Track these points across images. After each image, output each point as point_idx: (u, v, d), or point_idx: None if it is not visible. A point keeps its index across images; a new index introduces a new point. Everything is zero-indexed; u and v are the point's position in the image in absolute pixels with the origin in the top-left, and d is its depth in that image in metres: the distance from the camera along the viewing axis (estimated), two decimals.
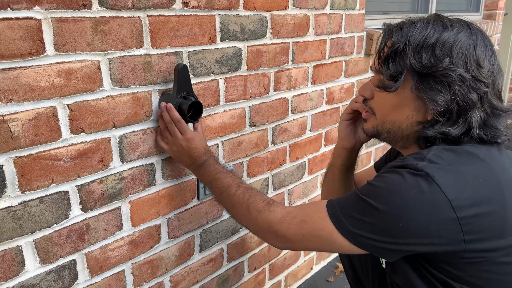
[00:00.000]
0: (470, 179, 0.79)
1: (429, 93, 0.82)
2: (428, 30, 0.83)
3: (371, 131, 0.97)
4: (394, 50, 0.85)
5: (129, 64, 1.04)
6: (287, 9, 1.45)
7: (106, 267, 1.11)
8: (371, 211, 0.80)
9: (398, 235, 0.79)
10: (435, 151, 0.82)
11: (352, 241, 0.83)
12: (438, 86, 0.82)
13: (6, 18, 0.82)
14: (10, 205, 0.89)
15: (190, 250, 1.34)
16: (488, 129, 0.84)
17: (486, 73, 0.82)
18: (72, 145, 0.97)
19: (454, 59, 0.81)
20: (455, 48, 0.81)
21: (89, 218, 1.04)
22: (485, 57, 0.83)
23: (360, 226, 0.82)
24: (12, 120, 0.86)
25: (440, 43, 0.82)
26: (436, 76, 0.81)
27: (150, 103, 1.11)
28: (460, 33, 0.83)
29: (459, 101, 0.81)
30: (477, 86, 0.81)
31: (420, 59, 0.82)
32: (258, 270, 1.68)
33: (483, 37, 0.85)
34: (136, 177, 1.12)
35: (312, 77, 1.67)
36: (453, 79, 0.80)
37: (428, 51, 0.82)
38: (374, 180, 0.84)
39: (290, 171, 1.70)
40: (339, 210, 0.86)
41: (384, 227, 0.79)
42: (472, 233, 0.77)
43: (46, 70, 0.89)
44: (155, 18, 1.06)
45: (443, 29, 0.83)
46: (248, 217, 0.99)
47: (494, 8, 3.30)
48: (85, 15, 0.93)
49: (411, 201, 0.77)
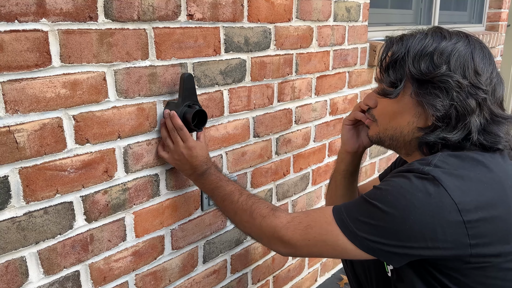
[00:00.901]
0: (475, 183, 0.81)
1: (428, 98, 0.85)
2: (427, 40, 0.87)
3: (375, 138, 1.00)
4: (394, 59, 0.89)
5: (134, 75, 1.04)
6: (291, 21, 1.46)
7: (110, 278, 1.10)
8: (378, 214, 0.81)
9: (405, 239, 0.79)
10: (440, 157, 0.83)
11: (358, 245, 0.84)
12: (436, 91, 0.84)
13: (13, 30, 0.83)
14: (15, 215, 0.89)
15: (193, 262, 1.34)
16: (488, 135, 0.86)
17: (484, 80, 0.84)
18: (77, 155, 0.97)
19: (452, 66, 0.84)
20: (453, 56, 0.84)
21: (93, 229, 1.04)
22: (483, 66, 0.85)
23: (367, 230, 0.82)
24: (18, 130, 0.87)
25: (438, 52, 0.85)
26: (434, 82, 0.84)
27: (155, 114, 1.11)
28: (458, 43, 0.86)
29: (458, 107, 0.84)
30: (475, 93, 0.84)
31: (419, 66, 0.86)
32: (262, 282, 1.66)
33: (482, 47, 0.88)
34: (140, 187, 1.12)
35: (316, 88, 1.67)
36: (450, 85, 0.83)
37: (426, 59, 0.86)
38: (381, 184, 0.86)
39: (294, 182, 1.70)
40: (345, 213, 0.86)
41: (391, 229, 0.80)
42: (478, 237, 0.78)
43: (52, 81, 0.90)
44: (160, 30, 1.07)
45: (442, 39, 0.87)
46: (252, 224, 0.99)
47: (496, 20, 3.31)
48: (91, 27, 0.94)
49: (418, 204, 0.78)
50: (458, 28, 0.92)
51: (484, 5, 3.32)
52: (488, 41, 2.97)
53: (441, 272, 0.84)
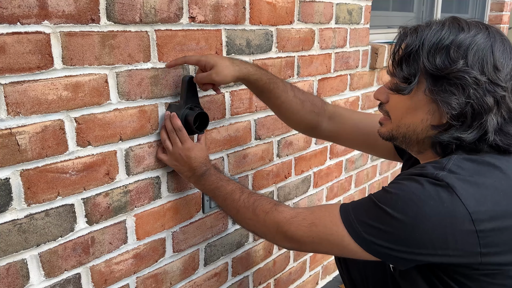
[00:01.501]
0: (491, 192, 0.77)
1: (443, 95, 0.80)
2: (443, 32, 0.81)
3: (387, 135, 0.95)
4: (408, 52, 0.84)
5: (136, 77, 1.04)
6: (293, 23, 1.46)
7: (111, 281, 1.10)
8: (388, 220, 0.79)
9: (414, 245, 0.78)
10: (455, 161, 0.80)
11: (366, 248, 0.82)
12: (452, 88, 0.79)
13: (15, 32, 0.83)
14: (16, 218, 0.89)
15: (194, 264, 1.33)
16: (504, 136, 0.82)
17: (504, 76, 0.79)
18: (79, 158, 0.97)
19: (469, 61, 0.78)
20: (471, 50, 0.79)
21: (94, 231, 1.04)
22: (504, 60, 0.80)
23: (375, 234, 0.80)
24: (20, 133, 0.87)
25: (455, 45, 0.79)
26: (450, 78, 0.79)
27: (157, 116, 1.11)
28: (477, 35, 0.80)
29: (474, 105, 0.79)
30: (493, 90, 0.79)
31: (434, 61, 0.80)
32: (263, 285, 1.66)
33: (503, 40, 0.82)
34: (141, 190, 1.12)
35: (317, 91, 1.67)
36: (467, 81, 0.78)
37: (442, 53, 0.80)
38: (391, 186, 0.83)
39: (295, 185, 1.69)
40: (353, 215, 0.84)
41: (400, 236, 0.78)
42: (489, 247, 0.76)
43: (54, 83, 0.90)
44: (162, 32, 1.07)
45: (459, 31, 0.81)
46: (255, 220, 0.98)
47: (498, 22, 3.32)
48: (93, 30, 0.94)
49: (430, 212, 0.75)
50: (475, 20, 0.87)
51: (485, 8, 3.32)
52: None
53: (448, 275, 0.82)
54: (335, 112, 1.26)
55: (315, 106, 1.24)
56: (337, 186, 1.94)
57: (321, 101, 1.27)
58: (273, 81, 1.16)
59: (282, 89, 1.18)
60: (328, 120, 1.26)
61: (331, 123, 1.26)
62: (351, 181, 2.04)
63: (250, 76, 1.11)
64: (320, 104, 1.25)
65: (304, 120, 1.24)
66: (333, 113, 1.26)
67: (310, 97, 1.25)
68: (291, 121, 1.28)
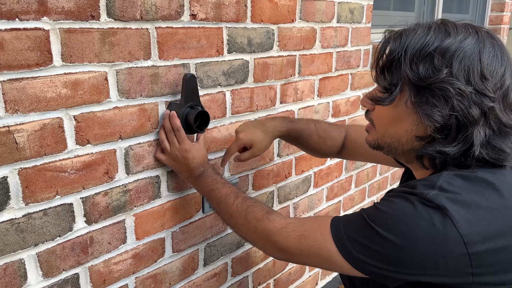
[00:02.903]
0: (484, 212, 0.74)
1: (424, 107, 0.75)
2: (428, 38, 0.76)
3: (373, 144, 0.91)
4: (390, 60, 0.79)
5: (136, 75, 1.03)
6: (294, 22, 1.45)
7: (109, 281, 1.09)
8: (377, 239, 0.76)
9: (403, 266, 0.75)
10: (446, 177, 0.76)
11: (353, 265, 0.80)
12: (434, 100, 0.74)
13: (14, 28, 0.81)
14: (14, 217, 0.88)
15: (194, 264, 1.32)
16: (491, 150, 0.77)
17: (493, 86, 0.74)
18: (78, 156, 0.96)
19: (454, 70, 0.73)
20: (456, 57, 0.73)
21: (93, 231, 1.02)
22: (493, 67, 0.74)
23: (364, 252, 0.78)
24: (18, 131, 0.85)
25: (439, 52, 0.74)
26: (432, 89, 0.74)
27: (157, 115, 1.10)
28: (465, 41, 0.75)
29: (459, 117, 0.74)
30: (480, 101, 0.73)
31: (417, 69, 0.75)
32: (263, 285, 1.65)
33: (493, 44, 0.76)
34: (141, 189, 1.11)
35: (319, 90, 1.66)
36: (450, 92, 0.73)
37: (426, 61, 0.75)
38: (382, 204, 0.80)
39: (296, 184, 1.68)
40: (343, 231, 0.82)
41: (389, 256, 0.75)
42: (481, 267, 0.73)
43: (53, 81, 0.89)
44: (163, 30, 1.06)
45: (446, 36, 0.75)
46: (246, 227, 0.96)
47: (498, 23, 3.31)
48: (93, 26, 0.93)
49: (420, 234, 0.72)
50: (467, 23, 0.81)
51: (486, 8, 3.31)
52: None
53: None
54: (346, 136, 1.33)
55: (336, 140, 1.32)
56: (337, 186, 1.93)
57: (337, 130, 1.33)
58: (300, 131, 1.28)
59: (307, 136, 1.29)
60: (343, 145, 1.33)
61: (346, 147, 1.33)
62: (351, 181, 2.03)
63: (281, 135, 1.27)
64: (339, 140, 1.32)
65: (325, 154, 1.36)
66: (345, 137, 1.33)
67: (331, 131, 1.32)
68: (316, 155, 1.41)
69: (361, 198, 2.14)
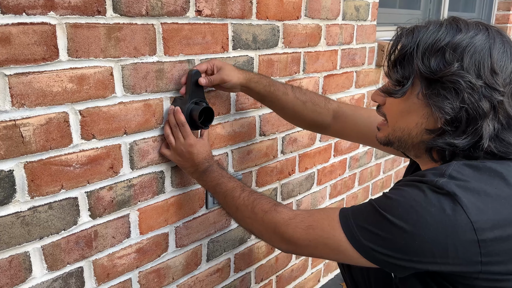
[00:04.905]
0: (492, 200, 0.75)
1: (435, 99, 0.78)
2: (440, 33, 0.78)
3: (384, 140, 0.93)
4: (402, 54, 0.81)
5: (141, 71, 1.03)
6: (299, 19, 1.45)
7: (113, 275, 1.10)
8: (387, 226, 0.76)
9: (413, 253, 0.75)
10: (455, 166, 0.77)
11: (363, 254, 0.80)
12: (445, 92, 0.77)
13: (21, 23, 0.82)
14: (19, 210, 0.89)
15: (197, 260, 1.33)
16: (500, 143, 0.78)
17: (502, 80, 0.76)
18: (83, 151, 0.97)
19: (465, 64, 0.75)
20: (467, 52, 0.76)
21: (98, 225, 1.03)
22: (503, 63, 0.77)
23: (374, 240, 0.78)
24: (24, 125, 0.86)
25: (451, 47, 0.76)
26: (444, 82, 0.76)
27: (161, 111, 1.10)
28: (476, 36, 0.77)
29: (469, 110, 0.76)
30: (490, 94, 0.75)
31: (428, 63, 0.78)
32: (265, 281, 1.65)
33: (503, 41, 0.79)
34: (145, 184, 1.12)
35: (323, 87, 1.66)
36: (461, 85, 0.75)
37: (438, 55, 0.77)
38: (392, 192, 0.81)
39: (299, 181, 1.68)
40: (352, 220, 0.82)
41: (399, 243, 0.76)
42: (490, 256, 0.73)
43: (59, 75, 0.89)
44: (168, 26, 1.06)
45: (457, 32, 0.78)
46: (253, 219, 0.96)
47: (505, 22, 3.29)
48: (99, 22, 0.93)
49: (431, 220, 0.73)
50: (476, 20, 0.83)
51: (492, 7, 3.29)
52: None
53: (448, 281, 0.80)
54: (338, 111, 1.26)
55: (318, 105, 1.25)
56: (340, 183, 1.93)
57: (324, 100, 1.26)
58: (273, 84, 1.20)
59: (282, 91, 1.21)
60: (332, 119, 1.26)
61: (335, 122, 1.26)
62: (354, 179, 2.03)
63: (251, 79, 1.17)
64: (323, 103, 1.25)
65: (307, 120, 1.27)
66: (336, 111, 1.26)
67: (312, 96, 1.25)
68: (294, 121, 1.31)
69: (364, 196, 2.14)
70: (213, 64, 1.13)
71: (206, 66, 1.13)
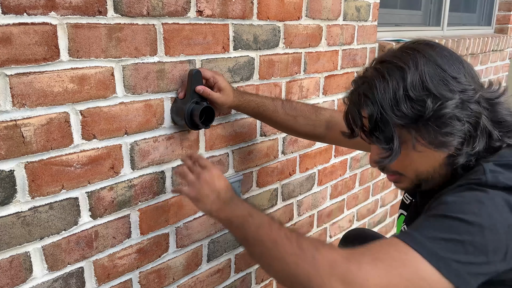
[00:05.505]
0: None
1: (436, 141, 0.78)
2: (391, 84, 0.78)
3: (411, 188, 0.90)
4: (373, 122, 0.80)
5: (142, 71, 1.03)
6: (300, 19, 1.45)
7: (114, 275, 1.09)
8: (462, 226, 0.69)
9: (492, 252, 0.69)
10: (486, 166, 0.77)
11: (443, 271, 0.68)
12: (439, 128, 0.77)
13: (22, 23, 0.82)
14: (20, 210, 0.89)
15: (197, 260, 1.33)
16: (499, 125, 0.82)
17: (465, 79, 0.79)
18: (84, 151, 0.97)
19: (435, 92, 0.77)
20: (427, 82, 0.77)
21: (98, 225, 1.03)
22: (454, 66, 0.80)
23: (452, 248, 0.68)
24: (25, 125, 0.86)
25: (411, 89, 0.77)
26: (430, 120, 0.77)
27: (162, 111, 1.10)
28: (419, 64, 0.78)
29: (469, 121, 0.78)
30: (470, 97, 0.78)
31: (403, 113, 0.77)
32: (266, 282, 1.65)
33: (433, 49, 0.81)
34: (146, 184, 1.11)
35: (324, 88, 1.66)
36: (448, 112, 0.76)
37: (405, 101, 0.77)
38: (447, 199, 0.75)
39: (300, 182, 1.68)
40: (419, 235, 0.71)
41: (479, 242, 0.69)
42: None
43: (60, 75, 0.89)
44: (169, 26, 1.06)
45: (400, 71, 0.79)
46: (299, 256, 0.74)
47: (506, 22, 3.28)
48: (100, 22, 0.93)
49: (502, 209, 0.70)
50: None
51: (493, 8, 3.29)
52: (497, 43, 2.95)
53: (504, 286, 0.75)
54: (331, 120, 1.25)
55: (309, 118, 1.25)
56: (341, 184, 1.93)
57: (316, 112, 1.26)
58: (262, 104, 1.22)
59: (272, 109, 1.22)
60: (325, 129, 1.26)
61: (329, 132, 1.25)
62: (355, 180, 2.03)
63: (240, 104, 1.20)
64: (315, 115, 1.25)
65: (301, 133, 1.29)
66: (329, 121, 1.25)
67: (303, 110, 1.26)
68: (289, 133, 1.36)
69: (365, 197, 2.13)
70: (216, 81, 1.12)
71: (209, 76, 1.12)
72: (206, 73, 1.12)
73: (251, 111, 1.22)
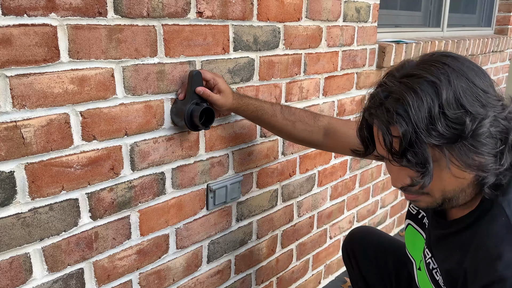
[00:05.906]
0: None
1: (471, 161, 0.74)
2: (426, 101, 0.72)
3: (435, 206, 0.85)
4: (407, 142, 0.73)
5: (142, 72, 1.03)
6: (300, 20, 1.45)
7: (114, 276, 1.09)
8: None
9: None
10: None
11: None
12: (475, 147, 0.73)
13: (22, 24, 0.82)
14: (20, 211, 0.89)
15: (197, 261, 1.33)
16: None
17: (493, 93, 0.75)
18: (84, 152, 0.97)
19: (470, 108, 0.71)
20: (461, 98, 0.72)
21: (98, 226, 1.03)
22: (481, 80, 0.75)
23: None
24: (25, 126, 0.86)
25: (447, 107, 0.71)
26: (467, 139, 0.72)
27: (162, 112, 1.10)
28: (451, 78, 0.73)
29: (501, 137, 0.75)
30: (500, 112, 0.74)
31: (439, 133, 0.71)
32: (266, 283, 1.65)
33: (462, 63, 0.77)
34: (146, 185, 1.11)
35: (324, 89, 1.66)
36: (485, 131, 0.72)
37: (441, 121, 0.71)
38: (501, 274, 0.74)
39: (300, 183, 1.68)
40: None
41: None
42: None
43: (60, 76, 0.89)
44: (169, 27, 1.06)
45: (434, 87, 0.73)
46: None
47: (506, 23, 3.29)
48: (100, 23, 0.93)
49: None
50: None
51: (493, 9, 3.29)
52: (497, 44, 2.95)
53: None
54: (329, 127, 1.24)
55: (307, 124, 1.24)
56: (341, 185, 1.93)
57: (314, 118, 1.25)
58: (260, 108, 1.22)
59: (270, 114, 1.22)
60: (323, 136, 1.25)
61: (326, 139, 1.25)
62: (355, 181, 2.03)
63: (239, 107, 1.20)
64: (313, 122, 1.25)
65: (298, 139, 1.27)
66: (327, 128, 1.24)
67: (302, 115, 1.25)
68: (287, 139, 1.35)
69: (365, 198, 2.13)
70: (216, 83, 1.13)
71: (209, 78, 1.13)
72: (206, 75, 1.12)
73: (250, 114, 1.22)
